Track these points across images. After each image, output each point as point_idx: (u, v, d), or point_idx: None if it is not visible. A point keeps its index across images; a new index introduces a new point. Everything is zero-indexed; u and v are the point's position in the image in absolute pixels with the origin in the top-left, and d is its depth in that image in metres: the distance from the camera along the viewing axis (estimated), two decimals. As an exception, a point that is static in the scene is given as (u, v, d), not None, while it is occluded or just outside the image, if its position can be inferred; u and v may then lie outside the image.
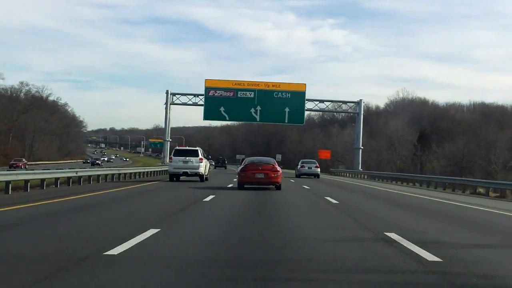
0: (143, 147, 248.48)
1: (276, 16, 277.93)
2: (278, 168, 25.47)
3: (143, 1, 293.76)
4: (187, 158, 32.27)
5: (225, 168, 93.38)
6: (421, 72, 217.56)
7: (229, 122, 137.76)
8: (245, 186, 24.98)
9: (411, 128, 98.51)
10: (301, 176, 44.02)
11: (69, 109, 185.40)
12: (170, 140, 67.31)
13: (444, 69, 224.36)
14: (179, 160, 32.29)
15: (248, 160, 27.55)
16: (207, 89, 63.90)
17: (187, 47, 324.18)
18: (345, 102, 70.05)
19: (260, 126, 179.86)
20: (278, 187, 24.89)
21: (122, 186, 26.06)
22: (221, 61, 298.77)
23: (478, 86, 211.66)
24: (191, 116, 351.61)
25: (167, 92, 65.91)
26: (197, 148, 34.64)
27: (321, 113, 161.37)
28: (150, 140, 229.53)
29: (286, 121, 65.43)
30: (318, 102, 67.41)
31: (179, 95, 67.46)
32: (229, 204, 16.76)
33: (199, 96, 65.44)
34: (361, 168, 69.20)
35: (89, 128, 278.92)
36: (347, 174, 66.25)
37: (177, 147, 38.45)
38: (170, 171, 32.90)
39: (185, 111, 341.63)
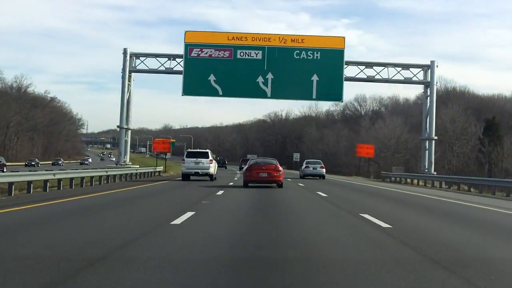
0: (147, 147, 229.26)
1: (290, 17, 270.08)
2: (280, 168, 27.20)
3: (157, 3, 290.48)
4: (198, 159, 33.89)
5: (226, 168, 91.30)
6: (436, 72, 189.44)
7: (240, 119, 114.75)
8: (249, 184, 26.50)
9: (471, 118, 73.20)
10: (306, 177, 41.32)
11: (64, 105, 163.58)
12: (130, 128, 42.08)
13: (458, 68, 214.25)
14: (191, 161, 33.83)
15: (252, 160, 30.24)
16: (188, 47, 39.80)
17: None
18: (406, 67, 42.40)
19: (276, 123, 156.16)
20: (280, 185, 26.45)
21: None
22: None
23: (493, 85, 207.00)
24: (197, 111, 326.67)
25: (124, 53, 41.33)
26: (207, 150, 36.58)
27: (342, 108, 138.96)
28: (156, 139, 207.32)
29: (314, 97, 40.13)
30: (364, 66, 41.99)
31: (145, 57, 42.66)
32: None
33: (177, 59, 40.97)
34: (428, 171, 43.95)
35: (100, 129, 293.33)
36: (414, 181, 40.76)
37: (189, 150, 41.17)
38: (183, 171, 34.24)
39: (196, 110, 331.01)
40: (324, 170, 43.08)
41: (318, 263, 6.89)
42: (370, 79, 41.38)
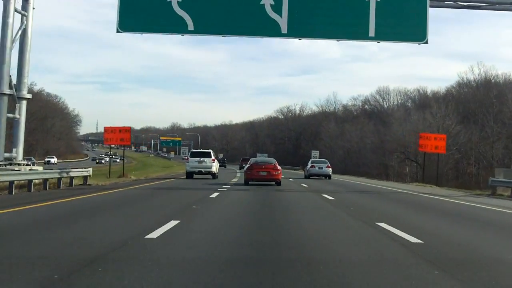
0: (152, 146, 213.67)
1: None
2: (278, 167, 28.33)
3: None
4: (201, 159, 35.06)
5: (225, 167, 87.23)
6: (450, 71, 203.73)
7: (250, 116, 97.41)
8: (249, 182, 27.96)
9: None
10: (311, 177, 39.60)
11: (55, 100, 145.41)
12: (26, 96, 21.55)
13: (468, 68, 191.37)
14: (194, 160, 35.13)
15: (253, 160, 31.25)
16: None
17: (212, 48, 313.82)
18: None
19: (288, 119, 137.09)
20: (278, 183, 27.54)
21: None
22: (246, 62, 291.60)
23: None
24: (206, 110, 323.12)
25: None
26: (209, 150, 37.95)
27: (361, 102, 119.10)
28: (161, 138, 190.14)
29: (372, 34, 19.45)
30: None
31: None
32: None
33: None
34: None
35: (100, 128, 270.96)
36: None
37: (193, 150, 42.77)
38: (187, 170, 35.71)
39: (206, 108, 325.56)
40: (330, 170, 41.20)
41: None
42: (469, 5, 21.83)
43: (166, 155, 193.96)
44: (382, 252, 7.61)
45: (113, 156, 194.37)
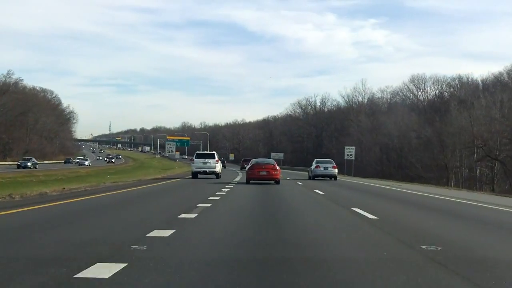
0: (157, 147, 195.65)
1: (316, 17, 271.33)
2: (277, 168, 29.43)
3: (184, 5, 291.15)
4: (206, 159, 36.14)
5: (225, 167, 74.49)
6: (465, 71, 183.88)
7: (264, 114, 75.67)
8: (251, 181, 29.04)
9: None
10: (316, 178, 37.52)
11: (37, 92, 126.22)
12: None
13: (488, 68, 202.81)
14: (199, 161, 36.12)
15: (253, 161, 31.79)
16: None
17: (227, 49, 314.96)
18: None
19: (308, 113, 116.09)
20: (277, 182, 28.58)
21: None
22: (261, 63, 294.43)
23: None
24: (217, 109, 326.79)
25: None
26: (213, 152, 39.16)
27: (390, 94, 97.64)
28: (168, 137, 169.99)
29: None
30: None
31: None
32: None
33: None
34: None
35: (119, 129, 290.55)
36: None
37: (198, 151, 42.37)
38: (193, 170, 36.62)
39: (217, 108, 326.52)
40: (336, 170, 38.64)
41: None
42: None
43: (168, 155, 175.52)
44: None
45: (110, 156, 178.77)
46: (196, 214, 10.95)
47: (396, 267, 5.79)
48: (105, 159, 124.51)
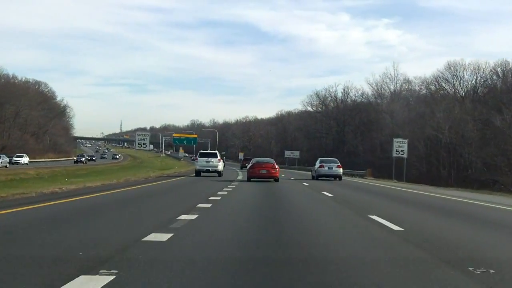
0: (162, 145, 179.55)
1: (329, 17, 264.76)
2: (276, 166, 30.70)
3: (196, 4, 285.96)
4: (209, 158, 37.36)
5: (224, 166, 67.40)
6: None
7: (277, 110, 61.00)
8: (251, 179, 29.90)
9: None
10: (319, 178, 35.36)
11: (28, 85, 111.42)
12: None
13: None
14: (203, 160, 37.25)
15: (254, 160, 33.27)
16: None
17: (240, 49, 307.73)
18: None
19: (327, 104, 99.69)
20: (276, 180, 29.63)
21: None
22: (274, 63, 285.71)
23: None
24: (227, 106, 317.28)
25: None
26: (216, 152, 41.54)
27: (418, 86, 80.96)
28: (174, 135, 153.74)
29: None
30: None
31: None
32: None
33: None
34: None
35: (129, 128, 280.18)
36: None
37: (201, 151, 43.04)
38: (196, 168, 37.60)
39: (230, 110, 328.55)
40: (341, 170, 36.32)
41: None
42: None
43: (169, 153, 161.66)
44: None
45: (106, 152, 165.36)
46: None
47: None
48: (81, 159, 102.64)
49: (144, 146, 35.91)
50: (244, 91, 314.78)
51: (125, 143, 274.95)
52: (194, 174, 37.43)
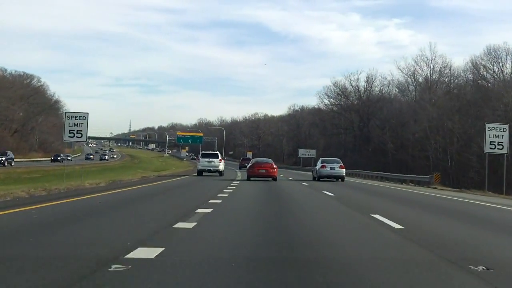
0: (166, 145, 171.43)
1: (340, 17, 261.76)
2: (275, 166, 31.73)
3: (207, 5, 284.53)
4: (210, 159, 38.33)
5: None
6: None
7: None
8: (251, 178, 30.84)
9: None
10: (321, 179, 33.47)
11: (6, 74, 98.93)
12: None
13: None
14: (204, 160, 38.26)
15: (253, 160, 35.29)
16: None
17: (251, 50, 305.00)
18: None
19: (349, 94, 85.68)
20: (274, 179, 30.46)
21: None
22: (285, 63, 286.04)
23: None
24: (237, 104, 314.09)
25: None
26: (217, 152, 42.47)
27: (448, 78, 66.63)
28: (178, 133, 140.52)
29: None
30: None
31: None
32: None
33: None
34: None
35: (138, 128, 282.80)
36: None
37: (203, 151, 44.97)
38: (198, 168, 38.72)
39: (240, 110, 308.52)
40: (344, 170, 34.04)
41: None
42: None
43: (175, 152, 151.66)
44: None
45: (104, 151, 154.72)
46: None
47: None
48: (57, 158, 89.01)
49: (79, 136, 21.64)
50: (255, 91, 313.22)
51: (130, 143, 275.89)
52: (196, 174, 38.62)
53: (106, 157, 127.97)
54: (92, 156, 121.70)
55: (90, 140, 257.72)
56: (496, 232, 8.66)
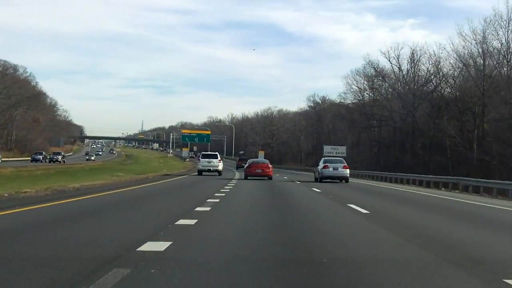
0: (170, 144, 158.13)
1: (355, 18, 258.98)
2: (270, 166, 34.30)
3: (221, 6, 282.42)
4: (210, 159, 40.47)
5: None
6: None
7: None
8: (248, 177, 33.28)
9: None
10: (323, 180, 31.79)
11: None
12: None
13: None
14: (205, 161, 40.47)
15: (250, 161, 38.29)
16: None
17: (265, 51, 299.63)
18: None
19: (385, 76, 67.23)
20: (270, 178, 32.92)
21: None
22: (299, 63, 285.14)
23: None
24: (248, 102, 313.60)
25: None
26: (216, 153, 43.51)
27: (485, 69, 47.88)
28: (182, 132, 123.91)
29: None
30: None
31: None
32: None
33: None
34: None
35: (149, 128, 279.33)
36: None
37: (203, 152, 46.98)
38: (198, 168, 41.17)
39: (249, 105, 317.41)
40: (347, 171, 32.35)
41: None
42: None
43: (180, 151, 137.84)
44: None
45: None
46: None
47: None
48: (37, 157, 75.95)
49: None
50: (270, 92, 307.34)
51: (135, 142, 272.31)
52: (197, 173, 40.40)
53: (93, 157, 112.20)
54: (93, 157, 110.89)
55: (95, 140, 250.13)
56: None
